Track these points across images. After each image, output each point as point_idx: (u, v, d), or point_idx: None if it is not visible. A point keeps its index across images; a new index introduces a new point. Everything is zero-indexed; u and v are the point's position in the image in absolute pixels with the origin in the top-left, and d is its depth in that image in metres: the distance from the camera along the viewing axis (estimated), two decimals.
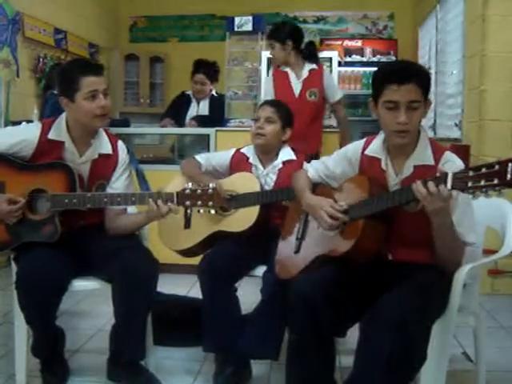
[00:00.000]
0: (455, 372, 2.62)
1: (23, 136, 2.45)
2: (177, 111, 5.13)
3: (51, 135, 2.46)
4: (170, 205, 2.32)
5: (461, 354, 2.89)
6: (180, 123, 4.97)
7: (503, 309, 3.75)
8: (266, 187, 2.83)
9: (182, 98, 5.27)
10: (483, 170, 1.67)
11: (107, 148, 2.56)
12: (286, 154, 2.89)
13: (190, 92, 5.20)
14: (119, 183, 2.58)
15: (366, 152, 2.22)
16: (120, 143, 2.64)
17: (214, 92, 5.17)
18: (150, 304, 2.47)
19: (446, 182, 1.77)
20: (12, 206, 2.34)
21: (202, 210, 2.38)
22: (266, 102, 3.01)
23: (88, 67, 2.45)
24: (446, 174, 1.79)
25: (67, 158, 2.47)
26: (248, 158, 2.90)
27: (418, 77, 2.00)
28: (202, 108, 5.12)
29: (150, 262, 2.42)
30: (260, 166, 2.87)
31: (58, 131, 2.47)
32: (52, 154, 2.44)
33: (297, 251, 2.40)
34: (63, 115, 2.51)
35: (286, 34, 4.09)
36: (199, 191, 2.29)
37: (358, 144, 2.30)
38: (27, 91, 5.29)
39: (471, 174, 1.70)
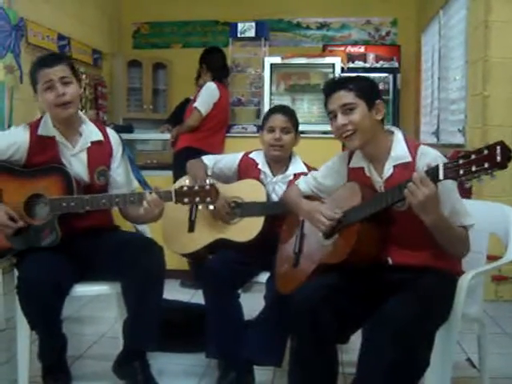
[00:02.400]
0: (459, 379, 2.61)
1: (13, 139, 2.45)
2: (180, 117, 5.12)
3: (41, 131, 2.47)
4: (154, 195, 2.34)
5: (465, 360, 2.88)
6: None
7: (507, 315, 3.74)
8: (274, 195, 2.80)
9: (185, 103, 5.27)
10: (473, 156, 1.71)
11: (97, 135, 2.58)
12: (298, 166, 2.85)
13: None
14: (121, 168, 2.63)
15: (350, 165, 2.28)
16: (109, 130, 2.67)
17: None
18: (161, 295, 2.48)
19: (437, 173, 1.80)
20: (10, 222, 2.33)
21: (200, 206, 2.41)
22: (277, 110, 2.91)
23: (43, 60, 2.48)
24: (436, 166, 1.81)
25: (62, 152, 2.48)
26: (257, 164, 2.86)
27: (344, 83, 2.16)
28: None
29: (156, 250, 2.44)
30: (269, 173, 2.84)
31: (46, 127, 2.49)
32: (47, 151, 2.45)
33: (295, 265, 2.39)
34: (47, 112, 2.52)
35: (202, 57, 4.89)
36: (196, 188, 2.31)
37: (342, 157, 2.35)
38: (30, 97, 5.21)
39: (461, 161, 1.73)
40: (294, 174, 2.81)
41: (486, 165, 1.67)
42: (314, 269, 2.26)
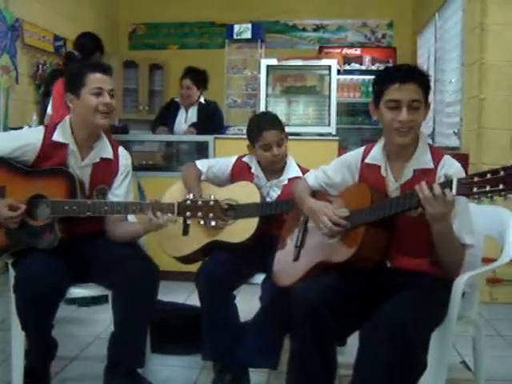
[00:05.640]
0: (454, 381, 2.62)
1: (27, 140, 2.45)
2: (166, 118, 5.12)
3: (56, 137, 2.46)
4: (169, 215, 2.31)
5: (460, 362, 2.88)
6: (169, 130, 4.98)
7: (502, 317, 3.75)
8: (269, 199, 2.80)
9: (171, 104, 5.27)
10: (488, 175, 1.68)
11: (108, 152, 2.57)
12: (292, 170, 2.84)
13: (178, 99, 5.19)
14: (121, 190, 2.59)
15: (366, 160, 2.24)
16: (121, 149, 2.65)
17: (202, 99, 5.16)
18: (151, 313, 2.45)
19: (451, 187, 1.78)
20: (12, 212, 2.33)
21: (202, 222, 2.40)
22: (268, 126, 2.77)
23: (96, 65, 2.50)
24: (450, 180, 1.80)
25: (70, 161, 2.47)
26: (250, 168, 2.87)
27: (419, 77, 2.05)
28: (190, 115, 5.09)
29: (151, 271, 2.41)
30: (263, 177, 2.84)
31: (63, 133, 2.48)
32: (56, 157, 2.45)
33: (296, 259, 2.38)
34: (67, 118, 2.52)
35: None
36: (200, 203, 2.29)
37: (357, 152, 2.31)
38: (26, 98, 5.29)
39: (476, 179, 1.71)
40: (289, 179, 2.80)
41: (501, 186, 1.64)
42: (313, 265, 2.25)
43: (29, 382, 2.46)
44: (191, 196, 2.32)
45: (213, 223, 2.38)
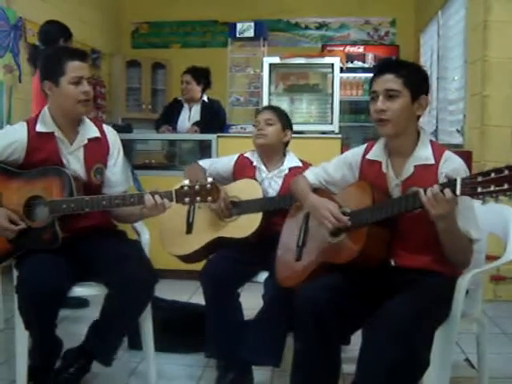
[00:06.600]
0: (458, 379, 2.61)
1: (12, 138, 2.43)
2: (170, 117, 5.13)
3: (39, 128, 2.45)
4: (166, 200, 2.30)
5: (463, 360, 2.88)
6: (173, 129, 5.00)
7: (505, 315, 3.74)
8: (271, 190, 2.83)
9: (174, 103, 5.28)
10: (492, 175, 1.66)
11: (94, 132, 2.56)
12: (292, 161, 2.89)
13: (182, 98, 5.20)
14: (117, 168, 2.60)
15: (368, 156, 2.24)
16: (106, 127, 2.65)
17: (205, 98, 5.16)
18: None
19: (454, 188, 1.77)
20: (11, 224, 2.32)
21: (202, 206, 2.40)
22: (265, 108, 3.05)
23: (74, 52, 2.47)
24: (454, 180, 1.79)
25: (60, 149, 2.46)
26: (252, 162, 2.91)
27: (396, 68, 2.09)
28: (193, 113, 5.10)
29: (148, 275, 2.38)
30: (264, 169, 2.87)
31: (45, 123, 2.46)
32: (46, 148, 2.43)
33: (298, 259, 2.38)
34: (46, 108, 2.50)
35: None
36: (197, 187, 2.25)
37: (358, 149, 2.32)
38: (29, 97, 5.25)
39: (480, 179, 1.70)
40: (289, 169, 2.85)
41: (506, 186, 1.63)
42: (316, 265, 2.24)
43: (33, 382, 2.46)
44: (187, 182, 2.29)
45: (213, 206, 2.38)
